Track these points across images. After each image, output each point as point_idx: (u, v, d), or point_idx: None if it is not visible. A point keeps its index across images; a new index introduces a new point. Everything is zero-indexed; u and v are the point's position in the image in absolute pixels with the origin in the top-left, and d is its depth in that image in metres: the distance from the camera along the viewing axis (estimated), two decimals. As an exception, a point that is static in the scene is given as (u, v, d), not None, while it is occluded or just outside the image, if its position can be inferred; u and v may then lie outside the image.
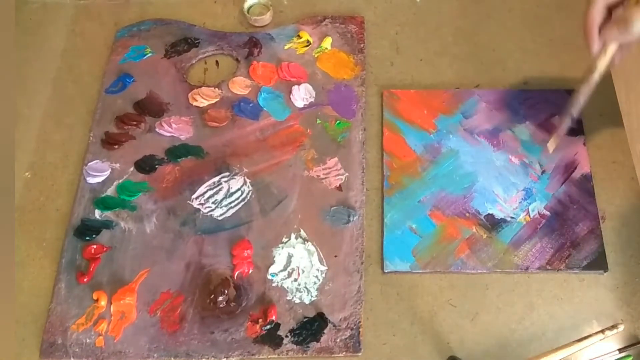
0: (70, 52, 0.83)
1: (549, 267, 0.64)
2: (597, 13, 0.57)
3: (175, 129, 0.74)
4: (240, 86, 0.78)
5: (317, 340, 0.61)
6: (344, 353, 0.61)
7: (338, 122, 0.74)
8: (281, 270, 0.65)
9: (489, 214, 0.67)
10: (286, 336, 0.62)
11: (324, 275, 0.65)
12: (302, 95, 0.76)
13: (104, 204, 0.70)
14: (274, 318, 0.62)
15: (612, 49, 0.58)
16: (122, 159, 0.73)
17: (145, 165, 0.72)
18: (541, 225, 0.66)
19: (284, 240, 0.67)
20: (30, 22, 0.86)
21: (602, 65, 0.59)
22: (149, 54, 0.81)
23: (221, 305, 0.63)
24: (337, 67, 0.79)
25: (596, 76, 0.60)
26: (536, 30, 0.81)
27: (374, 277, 0.65)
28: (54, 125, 0.77)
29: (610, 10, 0.57)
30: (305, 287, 0.64)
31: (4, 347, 0.50)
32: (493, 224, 0.67)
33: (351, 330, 0.62)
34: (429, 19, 0.83)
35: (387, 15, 0.84)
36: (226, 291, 0.64)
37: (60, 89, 0.80)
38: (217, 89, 0.78)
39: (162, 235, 0.68)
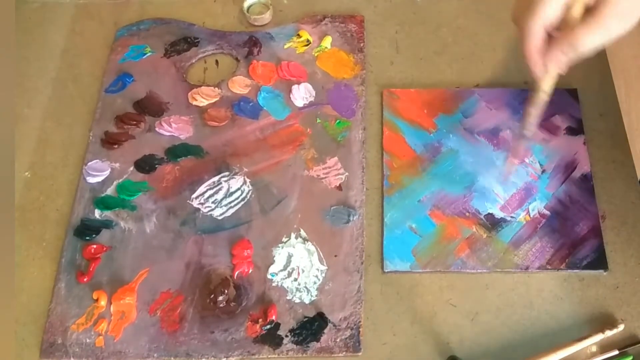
0: (70, 52, 0.83)
1: (549, 267, 0.64)
2: (536, 38, 0.52)
3: (175, 128, 0.74)
4: (240, 85, 0.78)
5: (317, 340, 0.61)
6: (344, 353, 0.61)
7: (338, 121, 0.74)
8: (281, 270, 0.65)
9: (488, 213, 0.67)
10: (286, 336, 0.62)
11: (324, 274, 0.65)
12: (302, 94, 0.76)
13: (104, 203, 0.70)
14: (274, 318, 0.62)
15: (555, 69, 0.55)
16: (121, 158, 0.73)
17: (145, 164, 0.72)
18: (541, 224, 0.66)
19: (284, 239, 0.67)
20: (30, 21, 0.86)
21: (547, 85, 0.56)
22: (149, 54, 0.81)
23: (221, 305, 0.63)
24: (337, 67, 0.79)
25: (543, 96, 0.57)
26: (536, 30, 0.81)
27: (374, 276, 0.65)
28: (54, 125, 0.77)
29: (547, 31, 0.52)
30: (305, 287, 0.64)
31: (4, 347, 0.50)
32: (493, 223, 0.67)
33: (351, 330, 0.62)
34: (429, 18, 0.83)
35: (387, 15, 0.84)
36: (226, 291, 0.64)
37: (60, 88, 0.79)
38: (216, 88, 0.77)
39: (162, 234, 0.68)
